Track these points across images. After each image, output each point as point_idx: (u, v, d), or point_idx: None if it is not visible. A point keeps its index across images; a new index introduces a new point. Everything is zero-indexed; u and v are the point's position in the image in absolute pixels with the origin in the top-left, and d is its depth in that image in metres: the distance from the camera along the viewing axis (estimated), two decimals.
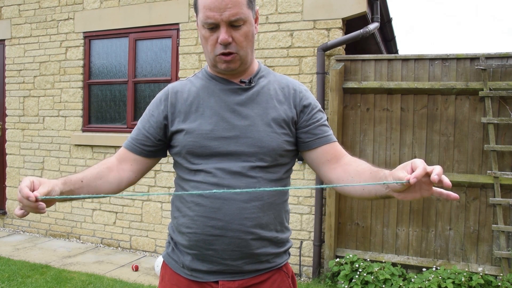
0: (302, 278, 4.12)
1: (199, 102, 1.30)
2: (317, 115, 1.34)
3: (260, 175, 1.25)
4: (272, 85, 1.34)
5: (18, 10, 5.47)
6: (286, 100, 1.32)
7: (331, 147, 1.34)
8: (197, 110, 1.30)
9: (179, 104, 1.32)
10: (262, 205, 1.25)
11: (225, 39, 1.20)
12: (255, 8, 1.28)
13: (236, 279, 1.28)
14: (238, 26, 1.21)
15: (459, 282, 3.38)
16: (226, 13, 1.17)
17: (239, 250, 1.25)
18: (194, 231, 1.26)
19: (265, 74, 1.37)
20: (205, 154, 1.26)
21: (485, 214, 3.62)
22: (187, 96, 1.32)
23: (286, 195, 1.37)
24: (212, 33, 1.22)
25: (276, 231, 1.32)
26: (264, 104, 1.30)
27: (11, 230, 5.61)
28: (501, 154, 3.57)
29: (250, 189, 1.21)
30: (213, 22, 1.19)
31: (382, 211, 3.89)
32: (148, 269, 4.24)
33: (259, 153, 1.25)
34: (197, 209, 1.26)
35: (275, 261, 1.33)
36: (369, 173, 1.18)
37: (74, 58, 5.15)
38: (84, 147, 5.10)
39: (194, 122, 1.28)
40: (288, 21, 4.16)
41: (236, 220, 1.23)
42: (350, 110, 3.97)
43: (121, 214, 4.94)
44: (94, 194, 1.24)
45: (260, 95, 1.31)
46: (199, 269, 1.29)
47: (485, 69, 3.53)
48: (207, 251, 1.26)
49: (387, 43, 6.02)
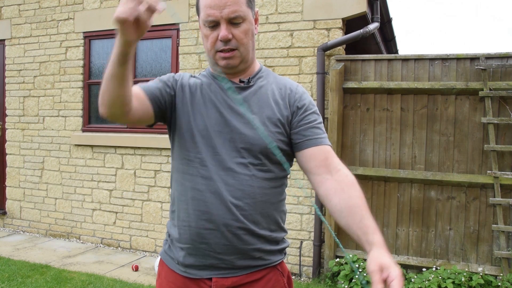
0: (302, 278, 4.12)
1: (202, 95, 1.33)
2: (310, 116, 1.33)
3: (253, 172, 1.27)
4: (270, 85, 1.36)
5: (18, 10, 5.47)
6: (282, 100, 1.34)
7: (320, 150, 1.29)
8: (201, 102, 1.32)
9: (186, 89, 1.35)
10: (255, 203, 1.27)
11: (225, 35, 1.23)
12: (255, 9, 1.32)
13: (229, 275, 1.29)
14: (238, 24, 1.24)
15: (459, 282, 3.38)
16: (226, 10, 1.21)
17: (231, 244, 1.27)
18: (189, 224, 1.29)
19: (264, 75, 1.38)
20: (201, 144, 1.29)
21: (485, 214, 3.62)
22: (194, 86, 1.35)
23: (283, 195, 1.38)
24: (213, 31, 1.25)
25: (270, 230, 1.32)
26: (260, 103, 1.31)
27: (11, 230, 5.61)
28: (501, 154, 3.57)
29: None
30: (214, 19, 1.23)
31: (382, 211, 3.89)
32: (148, 269, 4.24)
33: (252, 151, 1.27)
34: (193, 203, 1.29)
35: (269, 258, 1.33)
36: (358, 225, 1.16)
37: (74, 58, 5.15)
38: (84, 147, 5.10)
39: (197, 113, 1.31)
40: (288, 21, 4.16)
41: (228, 215, 1.25)
42: (350, 110, 3.97)
43: (121, 214, 4.94)
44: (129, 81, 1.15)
45: (257, 94, 1.33)
46: (192, 264, 1.31)
47: (485, 69, 3.53)
48: (200, 245, 1.28)
49: (387, 43, 6.02)
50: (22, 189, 5.52)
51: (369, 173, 3.87)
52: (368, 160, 3.92)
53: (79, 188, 5.15)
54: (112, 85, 1.12)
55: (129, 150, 4.86)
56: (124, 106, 1.18)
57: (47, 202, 5.35)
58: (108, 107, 1.17)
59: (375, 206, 3.90)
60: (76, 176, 5.16)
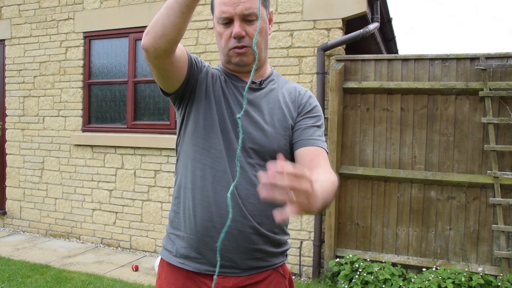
0: (302, 278, 4.12)
1: (222, 88, 1.33)
2: (312, 119, 1.33)
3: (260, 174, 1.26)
4: (281, 89, 1.37)
5: (18, 10, 5.47)
6: (292, 103, 1.35)
7: (309, 151, 1.27)
8: (220, 94, 1.32)
9: (209, 76, 1.34)
10: (261, 203, 1.27)
11: (238, 32, 1.23)
12: (270, 9, 1.33)
13: (229, 275, 1.28)
14: (251, 21, 1.24)
15: (459, 282, 3.38)
16: (240, 7, 1.22)
17: (235, 241, 1.26)
18: (194, 214, 1.28)
19: (276, 79, 1.40)
20: (220, 136, 1.28)
21: (485, 214, 3.62)
22: (215, 77, 1.34)
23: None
24: (226, 29, 1.26)
25: (274, 232, 1.32)
26: (271, 106, 1.32)
27: (11, 230, 5.61)
28: (501, 154, 3.57)
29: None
30: (228, 16, 1.23)
31: (382, 211, 3.89)
32: (148, 269, 4.24)
33: (260, 152, 1.27)
34: (202, 193, 1.27)
35: (270, 260, 1.33)
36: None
37: (74, 58, 5.15)
38: (84, 147, 5.10)
39: (218, 104, 1.30)
40: (288, 21, 4.16)
41: (237, 211, 1.24)
42: (350, 110, 3.97)
43: (121, 214, 4.94)
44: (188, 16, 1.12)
45: (268, 96, 1.34)
46: (191, 256, 1.29)
47: (485, 69, 3.53)
48: (204, 237, 1.27)
49: (387, 43, 6.02)
50: (22, 189, 5.52)
51: (369, 173, 3.87)
52: (368, 160, 3.92)
53: (79, 188, 5.15)
54: (173, 12, 1.07)
55: (129, 150, 4.86)
56: (174, 42, 1.12)
57: (47, 202, 5.35)
58: (158, 37, 1.10)
59: (375, 206, 3.91)
60: (76, 176, 5.16)
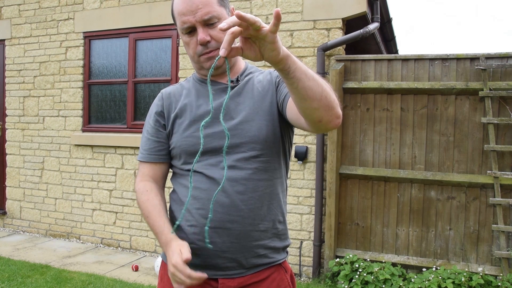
0: (302, 278, 4.12)
1: (190, 102, 1.35)
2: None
3: (255, 165, 1.28)
4: (256, 78, 1.37)
5: (18, 10, 5.47)
6: (269, 84, 1.34)
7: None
8: (190, 110, 1.34)
9: (173, 105, 1.38)
10: (259, 196, 1.27)
11: (202, 38, 1.24)
12: (229, 7, 1.32)
13: (235, 276, 1.28)
14: (213, 24, 1.25)
15: (459, 282, 3.38)
16: (199, 13, 1.23)
17: (238, 242, 1.26)
18: (192, 224, 1.28)
19: (251, 71, 1.40)
20: (198, 152, 1.27)
21: (485, 214, 3.62)
22: (179, 97, 1.38)
23: (284, 185, 1.39)
24: (192, 37, 1.27)
25: (279, 222, 1.34)
26: (250, 95, 1.32)
27: (11, 230, 5.61)
28: (501, 154, 3.57)
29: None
30: (189, 25, 1.25)
31: (382, 211, 3.89)
32: (148, 269, 4.24)
33: (250, 143, 1.27)
34: (194, 202, 1.28)
35: (273, 256, 1.34)
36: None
37: (74, 58, 5.15)
38: (84, 147, 5.10)
39: (186, 122, 1.33)
40: (288, 21, 4.16)
41: (233, 211, 1.25)
42: (350, 110, 3.97)
43: (121, 214, 4.94)
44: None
45: (245, 88, 1.34)
46: (196, 264, 1.28)
47: (485, 69, 3.53)
48: (206, 244, 1.26)
49: (387, 43, 6.02)
50: (22, 189, 5.52)
51: (369, 173, 3.87)
52: (368, 160, 3.92)
53: (79, 188, 5.15)
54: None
55: (129, 150, 4.86)
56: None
57: (47, 202, 5.35)
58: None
59: (375, 206, 3.91)
60: (76, 176, 5.16)
